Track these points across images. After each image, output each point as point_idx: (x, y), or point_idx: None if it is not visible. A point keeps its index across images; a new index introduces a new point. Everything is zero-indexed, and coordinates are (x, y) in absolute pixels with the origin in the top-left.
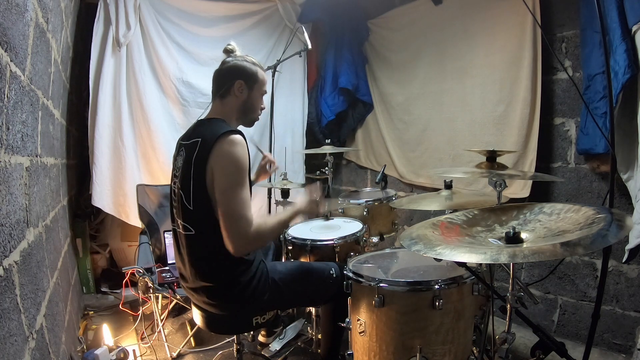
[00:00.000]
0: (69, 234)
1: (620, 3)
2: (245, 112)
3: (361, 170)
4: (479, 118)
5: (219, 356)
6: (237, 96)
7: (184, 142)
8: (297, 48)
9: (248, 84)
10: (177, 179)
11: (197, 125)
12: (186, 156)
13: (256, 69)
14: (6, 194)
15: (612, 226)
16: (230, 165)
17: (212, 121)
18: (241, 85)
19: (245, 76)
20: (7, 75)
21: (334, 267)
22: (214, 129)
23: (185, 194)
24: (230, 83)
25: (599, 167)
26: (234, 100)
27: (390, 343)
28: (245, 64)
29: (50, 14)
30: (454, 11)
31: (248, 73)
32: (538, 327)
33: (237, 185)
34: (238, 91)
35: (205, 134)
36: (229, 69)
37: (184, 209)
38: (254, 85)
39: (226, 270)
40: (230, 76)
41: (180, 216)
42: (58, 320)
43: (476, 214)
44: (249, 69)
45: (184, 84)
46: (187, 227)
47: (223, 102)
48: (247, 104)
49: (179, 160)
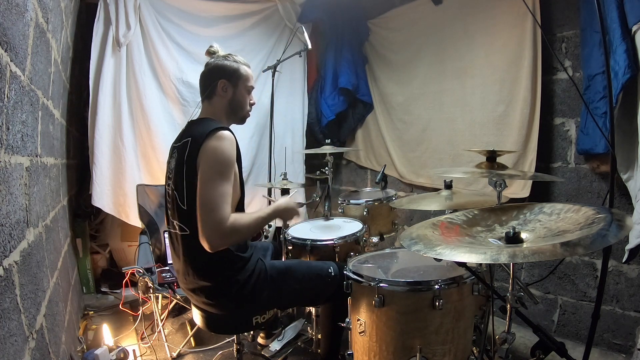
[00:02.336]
0: (69, 234)
1: (620, 3)
2: (233, 110)
3: (361, 170)
4: (479, 118)
5: (219, 356)
6: (222, 96)
7: (176, 144)
8: (297, 48)
9: (231, 82)
10: (170, 180)
11: (188, 127)
12: (178, 157)
13: (237, 65)
14: (6, 194)
15: (612, 226)
16: (214, 158)
17: (202, 121)
18: (224, 84)
19: (227, 75)
20: (7, 75)
21: (333, 266)
22: (203, 128)
23: (179, 194)
24: (214, 83)
25: (599, 167)
26: (220, 100)
27: (390, 343)
28: (226, 62)
29: (50, 14)
30: (454, 11)
31: (229, 71)
32: (538, 327)
33: (218, 177)
34: (222, 90)
35: (194, 134)
36: (211, 70)
37: (178, 209)
38: (237, 82)
39: (223, 268)
40: (213, 77)
41: (176, 217)
42: (58, 320)
43: (476, 214)
44: (229, 67)
45: (184, 84)
46: (182, 227)
47: (211, 103)
48: (234, 102)
49: (171, 162)
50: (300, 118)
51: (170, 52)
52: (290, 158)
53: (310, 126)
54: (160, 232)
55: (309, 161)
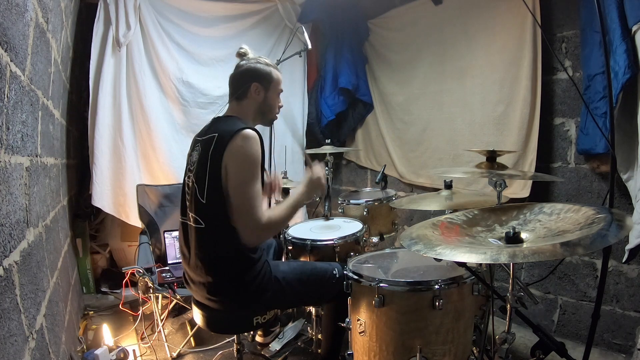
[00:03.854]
0: (69, 234)
1: (620, 3)
2: (263, 112)
3: (361, 170)
4: (479, 118)
5: (219, 356)
6: (254, 98)
7: (199, 138)
8: (297, 48)
9: (264, 85)
10: (191, 173)
11: (213, 122)
12: (202, 151)
13: (270, 69)
14: (6, 194)
15: (612, 226)
16: (243, 161)
17: (229, 118)
18: (257, 88)
19: (260, 78)
20: (7, 75)
21: (337, 267)
22: (230, 126)
23: (199, 187)
24: (246, 86)
25: (599, 167)
26: (252, 102)
27: (390, 343)
28: (259, 65)
29: (50, 14)
30: (454, 11)
31: (262, 74)
32: (538, 327)
33: (250, 179)
34: (255, 93)
35: (221, 130)
36: (244, 73)
37: (196, 202)
38: (269, 86)
39: (231, 265)
40: (246, 79)
41: (193, 209)
42: (58, 320)
43: (476, 214)
44: (262, 70)
45: (184, 84)
46: (198, 220)
47: (240, 104)
48: (265, 105)
49: (194, 155)
50: (300, 118)
51: (170, 52)
52: (290, 158)
53: (310, 126)
54: (160, 232)
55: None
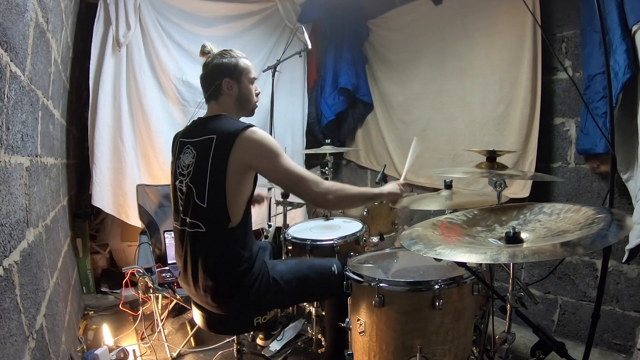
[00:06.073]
0: (69, 234)
1: (620, 3)
2: (242, 104)
3: (361, 170)
4: (479, 118)
5: (219, 356)
6: (228, 94)
7: (189, 139)
8: (297, 48)
9: (234, 78)
10: (183, 177)
11: (201, 123)
12: (198, 153)
13: (236, 60)
14: (6, 194)
15: (612, 226)
16: (263, 146)
17: (219, 117)
18: (228, 83)
19: (228, 72)
20: (7, 75)
21: (336, 263)
22: (227, 125)
23: (198, 191)
24: (218, 83)
25: (599, 167)
26: (228, 98)
27: (390, 343)
28: (224, 60)
29: (50, 14)
30: (454, 11)
31: (230, 68)
32: (538, 327)
33: (280, 158)
34: (228, 89)
35: (220, 131)
36: (211, 71)
37: (194, 206)
38: (240, 77)
39: (230, 268)
40: (215, 77)
41: (189, 214)
42: (58, 320)
43: (476, 214)
44: (228, 64)
45: (184, 84)
46: (196, 225)
47: (218, 102)
48: (242, 97)
49: (184, 158)
50: (300, 118)
51: (170, 52)
52: (290, 158)
53: (310, 126)
54: (160, 232)
55: (309, 161)
